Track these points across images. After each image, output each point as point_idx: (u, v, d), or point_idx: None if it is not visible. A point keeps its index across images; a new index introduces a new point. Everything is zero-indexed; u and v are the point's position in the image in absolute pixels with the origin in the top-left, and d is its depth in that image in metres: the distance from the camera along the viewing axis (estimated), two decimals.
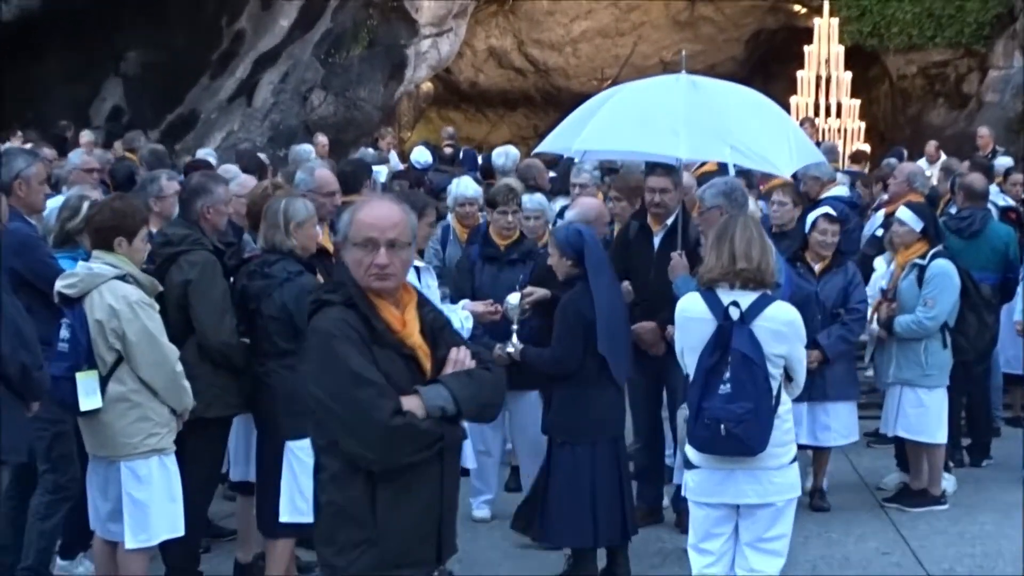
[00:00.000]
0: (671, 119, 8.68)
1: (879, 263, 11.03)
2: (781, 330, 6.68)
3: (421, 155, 20.21)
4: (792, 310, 6.83)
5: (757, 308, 6.64)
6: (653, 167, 9.78)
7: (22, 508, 8.19)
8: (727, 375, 6.57)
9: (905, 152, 21.63)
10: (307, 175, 9.36)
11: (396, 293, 5.08)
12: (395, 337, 4.98)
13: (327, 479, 5.03)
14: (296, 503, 7.84)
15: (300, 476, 7.81)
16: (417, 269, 8.33)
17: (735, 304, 6.63)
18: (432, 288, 8.49)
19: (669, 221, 9.58)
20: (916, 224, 10.25)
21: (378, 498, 4.93)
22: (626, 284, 9.23)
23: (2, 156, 8.62)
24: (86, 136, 20.39)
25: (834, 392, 10.12)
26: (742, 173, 10.93)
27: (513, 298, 8.87)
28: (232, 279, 8.13)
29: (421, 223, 8.41)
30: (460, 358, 5.04)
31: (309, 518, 7.76)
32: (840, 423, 10.28)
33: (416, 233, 5.20)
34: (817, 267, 10.19)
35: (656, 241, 9.64)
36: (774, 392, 6.65)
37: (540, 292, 8.89)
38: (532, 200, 10.74)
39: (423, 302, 5.21)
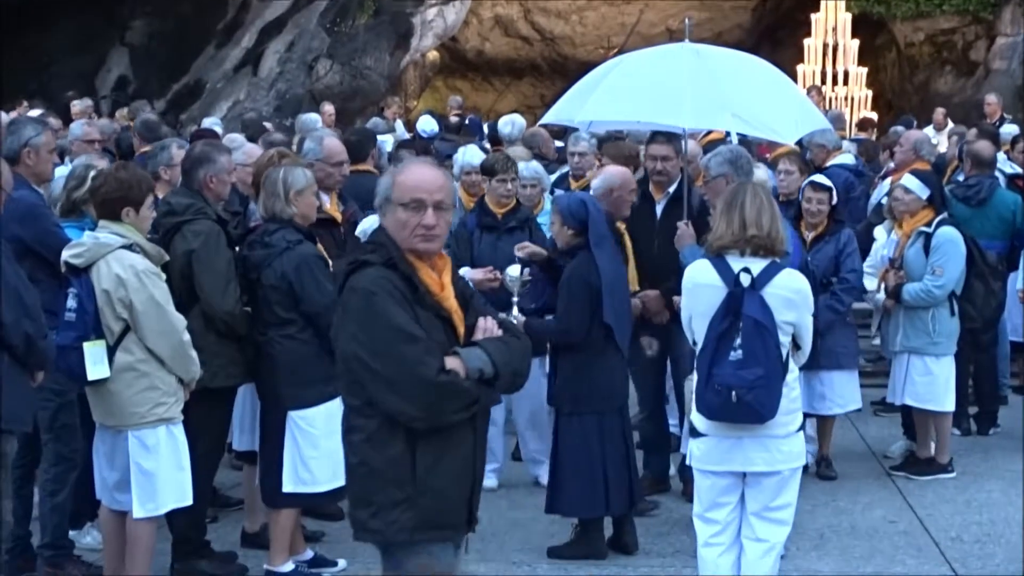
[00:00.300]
0: (674, 88, 8.65)
1: (879, 232, 11.00)
2: (791, 297, 6.66)
3: (427, 124, 20.18)
4: (801, 278, 6.83)
5: (767, 275, 6.63)
6: (654, 135, 9.76)
7: (28, 479, 8.21)
8: (738, 341, 6.55)
9: (915, 121, 21.57)
10: (316, 144, 9.33)
11: (435, 256, 5.16)
12: (434, 299, 5.06)
13: (361, 440, 5.06)
14: (299, 473, 7.85)
15: (303, 446, 7.82)
16: None
17: (746, 271, 6.61)
18: None
19: (671, 189, 9.56)
20: (922, 192, 10.22)
21: (418, 458, 4.99)
22: (635, 301, 9.19)
23: (11, 125, 8.60)
24: (77, 106, 20.26)
25: (827, 361, 10.05)
26: (742, 142, 10.90)
27: (513, 270, 8.86)
28: (237, 248, 8.12)
29: None
30: (489, 327, 5.12)
31: (312, 488, 7.85)
32: (836, 392, 10.25)
33: None
34: (809, 236, 10.12)
35: (659, 210, 9.61)
36: (784, 359, 6.64)
37: (532, 247, 8.90)
38: (528, 168, 10.74)
39: (454, 269, 5.29)
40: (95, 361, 7.12)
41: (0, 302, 6.77)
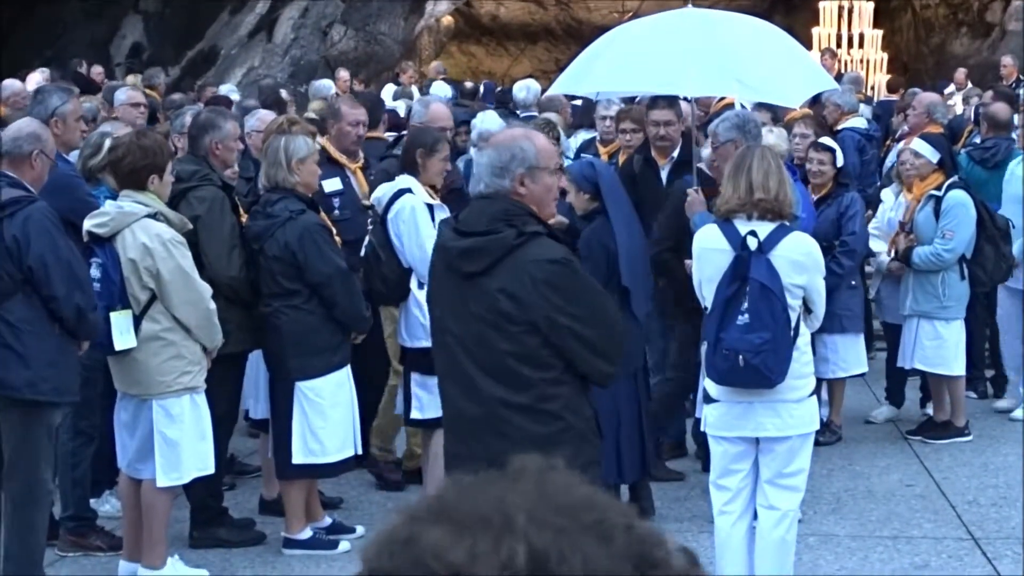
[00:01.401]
0: (678, 56, 8.62)
1: (887, 194, 10.98)
2: (800, 260, 6.67)
3: (440, 89, 20.13)
4: (810, 240, 6.84)
5: (775, 238, 6.63)
6: (655, 100, 9.75)
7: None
8: (745, 305, 6.57)
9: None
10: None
11: None
12: None
13: (562, 407, 5.37)
14: (308, 444, 7.85)
15: (311, 417, 7.82)
16: (431, 207, 8.27)
17: (753, 234, 6.59)
18: None
19: (675, 154, 9.54)
20: (933, 156, 10.19)
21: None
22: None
23: (37, 93, 8.59)
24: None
25: (829, 324, 9.91)
26: (765, 107, 10.84)
27: None
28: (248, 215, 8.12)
29: (434, 159, 8.38)
30: None
31: (322, 459, 7.87)
32: (840, 355, 10.24)
33: None
34: (813, 199, 10.06)
35: (664, 176, 9.60)
36: (792, 323, 6.63)
37: (560, 218, 8.86)
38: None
39: None
40: (122, 331, 7.16)
41: (51, 274, 6.80)
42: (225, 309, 7.72)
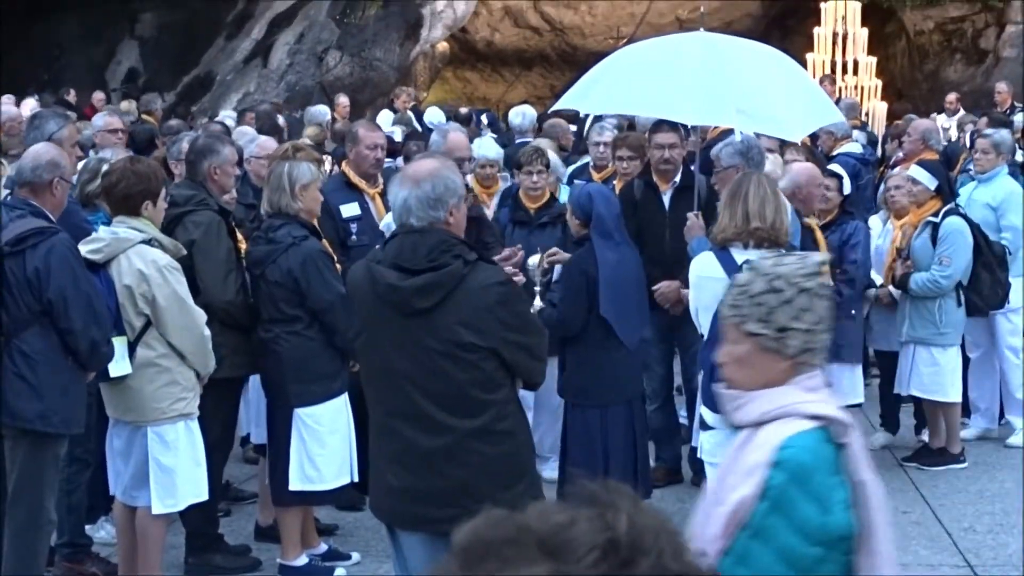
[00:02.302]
0: (681, 81, 8.60)
1: (874, 222, 10.99)
2: None
3: (435, 116, 20.22)
4: None
5: None
6: (659, 123, 9.74)
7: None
8: None
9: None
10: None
11: None
12: None
13: (514, 425, 5.53)
14: (306, 471, 7.83)
15: (309, 443, 7.80)
16: None
17: (748, 263, 6.60)
18: None
19: (677, 179, 9.53)
20: (931, 182, 10.21)
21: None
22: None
23: (33, 119, 8.59)
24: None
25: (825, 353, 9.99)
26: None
27: (533, 259, 8.83)
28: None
29: None
30: None
31: (319, 486, 7.85)
32: (834, 384, 10.17)
33: None
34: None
35: (666, 200, 9.58)
36: None
37: (562, 255, 8.83)
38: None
39: None
40: (116, 357, 7.14)
41: (71, 308, 6.80)
42: (220, 333, 7.69)
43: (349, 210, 9.05)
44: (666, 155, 9.57)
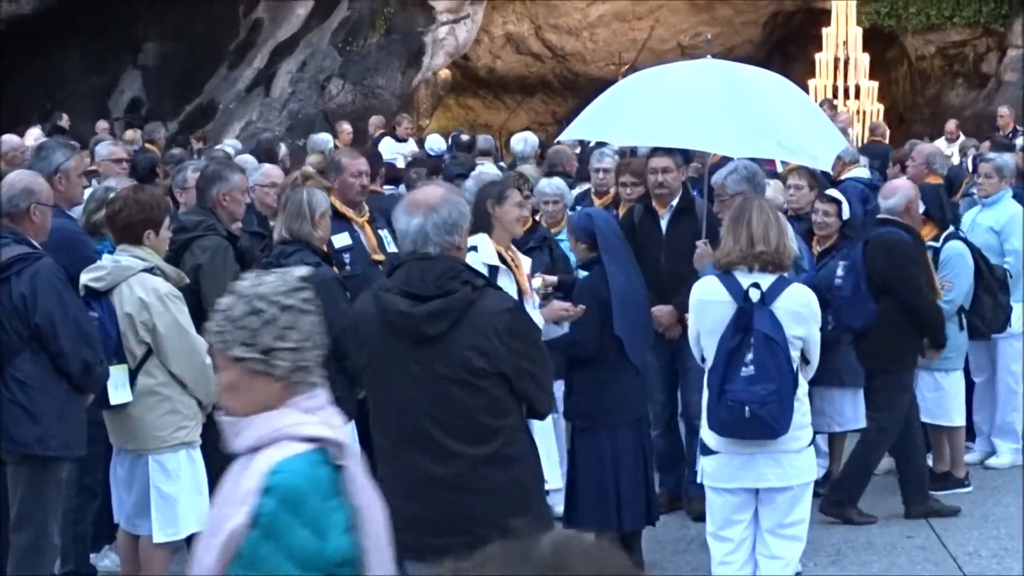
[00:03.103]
0: (713, 112, 8.54)
1: None
2: (800, 311, 6.73)
3: (435, 143, 20.33)
4: (809, 292, 6.92)
5: (776, 290, 6.69)
6: (655, 148, 9.73)
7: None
8: (749, 357, 6.60)
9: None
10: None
11: None
12: None
13: (524, 451, 5.56)
14: None
15: None
16: (494, 268, 8.13)
17: (756, 286, 6.63)
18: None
19: (674, 203, 9.54)
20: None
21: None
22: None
23: (40, 150, 8.62)
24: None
25: (827, 377, 9.92)
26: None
27: (535, 281, 8.83)
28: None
29: (505, 207, 8.30)
30: None
31: None
32: (836, 409, 10.14)
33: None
34: (818, 250, 10.04)
35: (663, 224, 9.59)
36: (795, 374, 6.66)
37: (549, 278, 8.86)
38: (551, 184, 10.72)
39: None
40: (117, 385, 7.17)
41: (59, 331, 6.82)
42: None
43: (340, 240, 9.04)
44: (659, 179, 9.57)
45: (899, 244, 9.36)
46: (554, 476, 8.73)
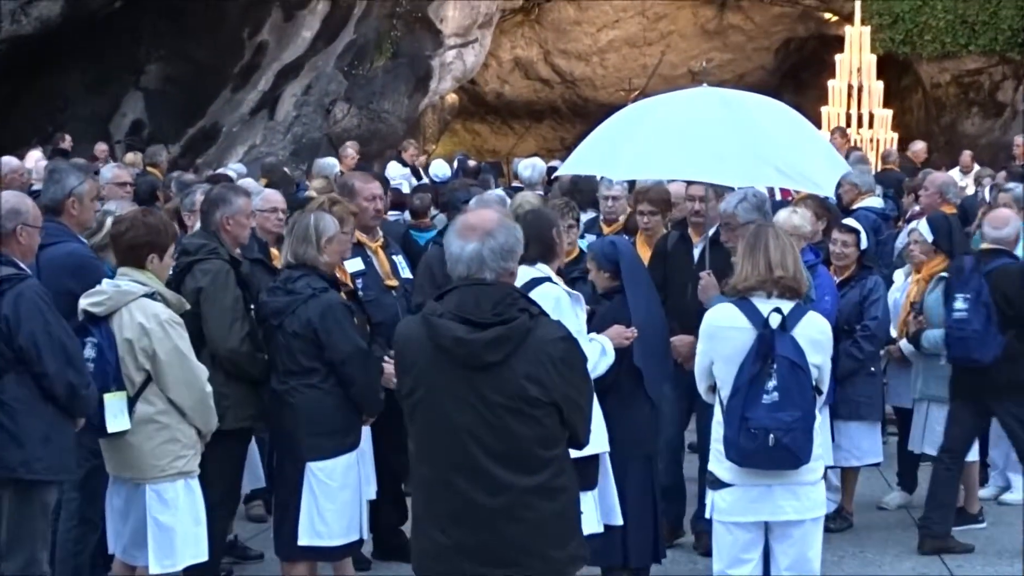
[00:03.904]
0: (713, 142, 8.57)
1: (898, 276, 11.00)
2: (819, 339, 6.76)
3: (439, 169, 20.41)
4: (824, 320, 6.92)
5: (795, 317, 6.70)
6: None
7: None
8: (772, 383, 6.58)
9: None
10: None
11: None
12: None
13: (570, 482, 5.51)
14: (316, 526, 7.80)
15: (320, 498, 7.78)
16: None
17: (777, 311, 6.62)
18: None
19: (711, 232, 9.49)
20: (928, 236, 10.18)
21: None
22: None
23: (53, 173, 8.63)
24: (102, 147, 20.38)
25: (845, 410, 9.97)
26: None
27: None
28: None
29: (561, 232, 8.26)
30: None
31: (328, 542, 7.83)
32: (854, 443, 10.14)
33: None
34: (836, 280, 10.01)
35: (696, 253, 9.55)
36: (816, 402, 6.67)
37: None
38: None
39: None
40: (115, 413, 7.13)
41: (43, 353, 6.83)
42: (224, 384, 7.71)
43: (353, 265, 9.06)
44: (697, 207, 9.56)
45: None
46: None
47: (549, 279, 7.74)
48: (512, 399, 5.24)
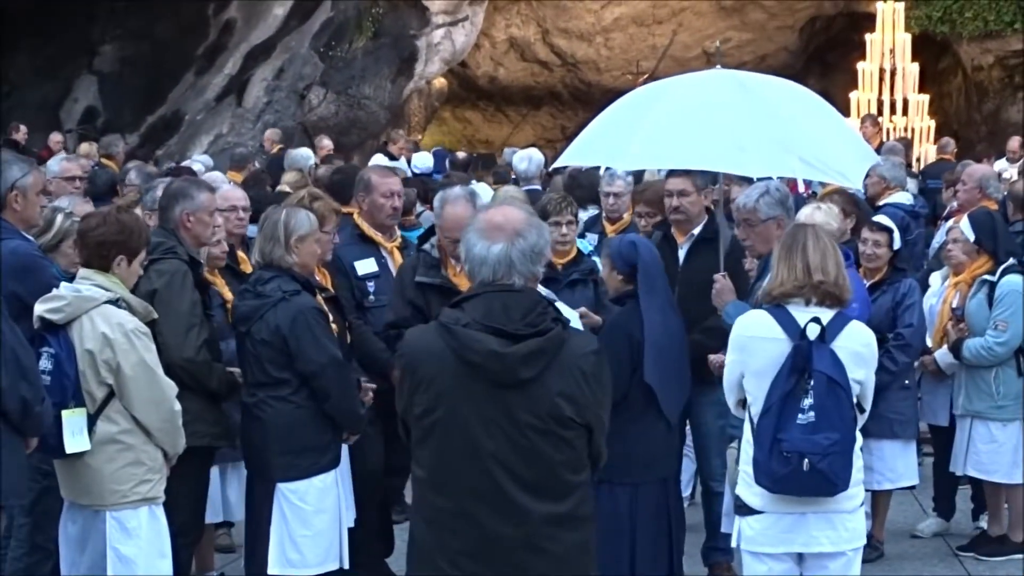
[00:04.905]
0: (731, 130, 8.50)
1: (934, 279, 10.97)
2: (861, 352, 6.72)
3: (421, 160, 20.43)
4: (869, 331, 6.87)
5: (836, 327, 6.65)
6: (673, 169, 9.71)
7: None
8: (808, 402, 6.53)
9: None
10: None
11: None
12: None
13: (594, 510, 5.53)
14: (287, 554, 7.80)
15: (292, 523, 7.77)
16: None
17: (816, 321, 6.59)
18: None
19: (696, 231, 9.50)
20: (970, 235, 10.19)
21: None
22: None
23: None
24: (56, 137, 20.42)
25: (877, 428, 9.88)
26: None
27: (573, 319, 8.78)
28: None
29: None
30: None
31: (300, 571, 7.84)
32: (887, 464, 10.11)
33: None
34: (867, 284, 9.92)
35: (681, 255, 9.56)
36: (856, 422, 6.66)
37: (593, 317, 8.81)
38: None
39: None
40: (74, 432, 7.09)
41: None
42: (182, 397, 7.55)
43: (365, 267, 9.08)
44: (675, 203, 9.50)
45: None
46: None
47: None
48: (543, 419, 5.20)
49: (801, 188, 13.50)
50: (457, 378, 5.24)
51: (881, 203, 13.25)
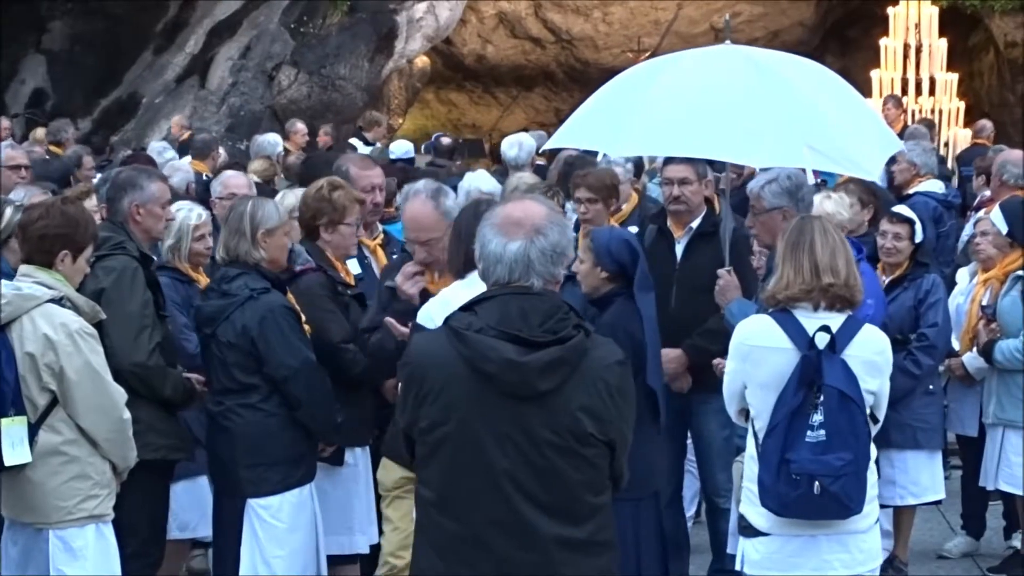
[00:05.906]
0: (737, 114, 8.44)
1: (962, 275, 10.96)
2: (875, 360, 6.73)
3: (399, 147, 20.41)
4: (882, 335, 6.87)
5: (847, 333, 6.65)
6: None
7: None
8: (817, 419, 6.54)
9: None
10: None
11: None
12: None
13: (611, 535, 5.46)
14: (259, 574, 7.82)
15: (265, 543, 7.80)
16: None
17: (825, 329, 6.57)
18: None
19: (695, 224, 9.47)
20: (1003, 227, 10.16)
21: None
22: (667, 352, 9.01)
23: None
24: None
25: (901, 438, 9.90)
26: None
27: None
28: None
29: None
30: None
31: None
32: (910, 477, 10.12)
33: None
34: (885, 280, 10.02)
35: (679, 250, 9.53)
36: (871, 438, 6.64)
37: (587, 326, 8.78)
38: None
39: None
40: (14, 442, 7.09)
41: None
42: (133, 406, 7.53)
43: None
44: (675, 192, 9.50)
45: None
46: None
47: None
48: (562, 435, 5.18)
49: (810, 177, 13.47)
50: (468, 389, 5.21)
51: (911, 191, 13.24)
